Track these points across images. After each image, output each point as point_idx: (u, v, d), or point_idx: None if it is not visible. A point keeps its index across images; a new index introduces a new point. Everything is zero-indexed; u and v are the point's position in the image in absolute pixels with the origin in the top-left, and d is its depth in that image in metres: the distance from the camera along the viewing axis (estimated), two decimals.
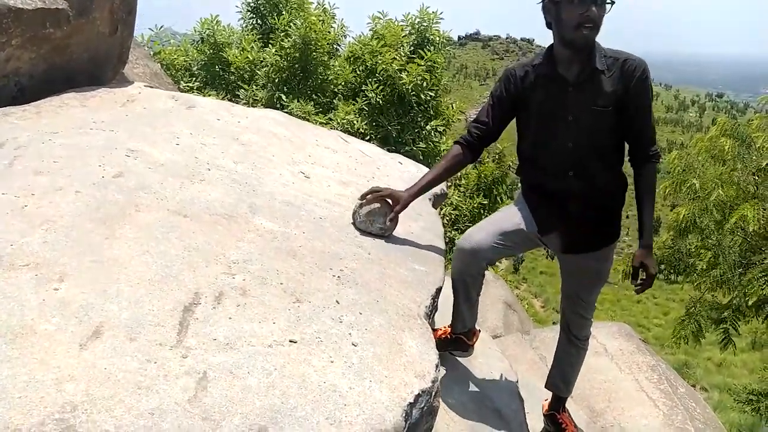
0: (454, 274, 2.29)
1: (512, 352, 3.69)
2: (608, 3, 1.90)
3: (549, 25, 2.02)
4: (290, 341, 1.36)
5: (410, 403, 1.29)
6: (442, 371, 1.52)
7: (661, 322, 30.07)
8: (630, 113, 2.02)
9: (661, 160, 2.15)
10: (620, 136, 2.10)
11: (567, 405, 2.71)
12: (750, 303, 6.29)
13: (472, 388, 2.52)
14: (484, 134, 2.21)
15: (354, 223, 2.18)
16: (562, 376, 2.57)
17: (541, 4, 2.02)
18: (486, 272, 2.33)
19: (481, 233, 2.20)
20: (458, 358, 2.59)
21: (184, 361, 1.20)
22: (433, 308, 1.94)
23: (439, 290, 1.99)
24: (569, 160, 2.10)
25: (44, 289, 1.30)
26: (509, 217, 2.26)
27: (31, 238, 1.46)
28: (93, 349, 1.17)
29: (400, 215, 2.21)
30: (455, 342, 2.42)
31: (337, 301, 1.58)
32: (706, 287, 7.16)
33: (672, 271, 8.43)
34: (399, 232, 2.25)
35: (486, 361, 2.75)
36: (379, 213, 2.16)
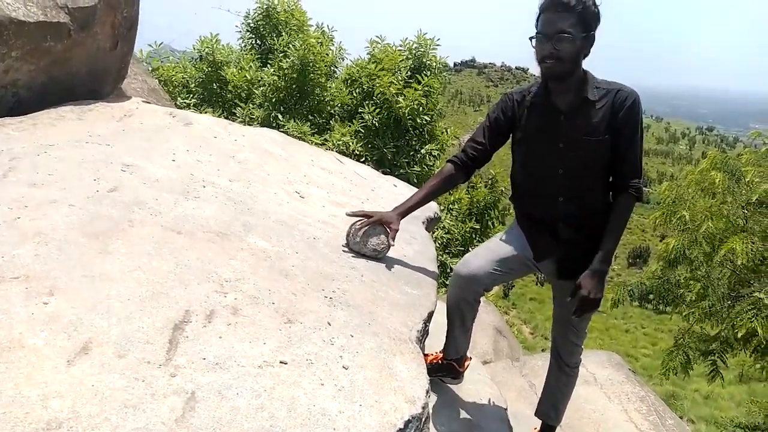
0: (451, 300, 2.29)
1: (502, 378, 3.67)
2: (568, 38, 1.93)
3: None
4: (281, 362, 1.34)
5: (400, 429, 1.28)
6: (433, 397, 1.51)
7: (649, 352, 30.08)
8: (617, 142, 2.06)
9: (643, 194, 2.16)
10: (607, 168, 2.13)
11: None
12: (739, 335, 6.29)
13: (462, 414, 2.50)
14: (478, 154, 2.25)
15: (347, 245, 2.18)
16: (552, 403, 2.56)
17: None
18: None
19: (478, 260, 2.22)
20: (448, 384, 2.58)
21: (173, 380, 1.18)
22: (425, 333, 1.94)
23: (431, 314, 1.99)
24: (559, 186, 2.13)
25: (34, 303, 1.28)
26: (505, 243, 2.29)
27: (22, 250, 1.45)
28: (81, 365, 1.15)
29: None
30: (447, 368, 2.41)
31: (328, 323, 1.58)
32: (694, 319, 7.17)
33: (661, 301, 8.44)
34: (392, 254, 2.25)
35: (475, 387, 2.73)
36: (373, 234, 2.16)
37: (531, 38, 2.00)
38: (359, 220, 2.18)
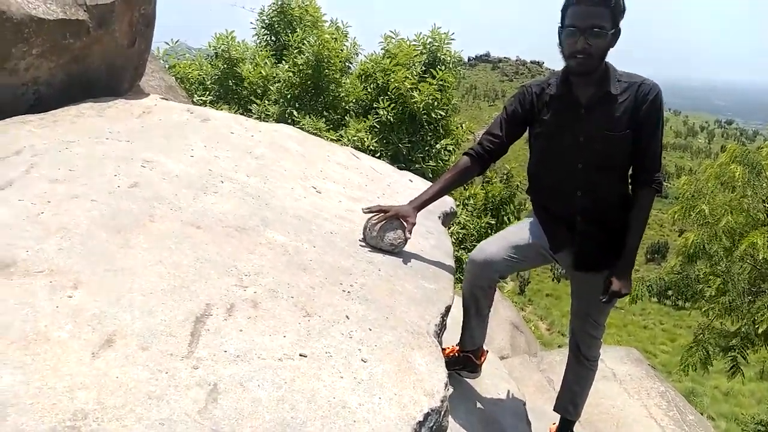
0: (466, 288, 2.29)
1: (519, 373, 3.66)
2: (601, 32, 1.90)
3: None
4: (300, 355, 1.35)
5: (419, 421, 1.28)
6: (451, 390, 1.51)
7: (668, 348, 29.77)
8: (639, 136, 2.03)
9: (663, 188, 2.14)
10: (629, 158, 2.10)
11: (575, 430, 2.67)
12: (759, 331, 6.21)
13: (479, 408, 2.50)
14: (495, 147, 2.23)
15: (364, 239, 2.18)
16: (571, 398, 2.55)
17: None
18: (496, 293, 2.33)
19: (493, 246, 2.22)
20: (466, 379, 2.57)
21: (195, 372, 1.19)
22: (442, 327, 1.93)
23: (448, 308, 1.98)
24: (578, 180, 2.11)
25: (58, 296, 1.30)
26: (521, 231, 2.29)
27: (46, 244, 1.47)
28: (105, 357, 1.17)
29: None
30: (463, 361, 2.41)
31: (347, 317, 1.58)
32: (714, 314, 7.09)
33: (680, 297, 8.38)
34: (409, 249, 2.25)
35: (493, 382, 2.72)
36: (390, 229, 2.16)
37: (560, 30, 1.97)
38: (376, 215, 2.19)
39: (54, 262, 1.42)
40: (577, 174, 2.11)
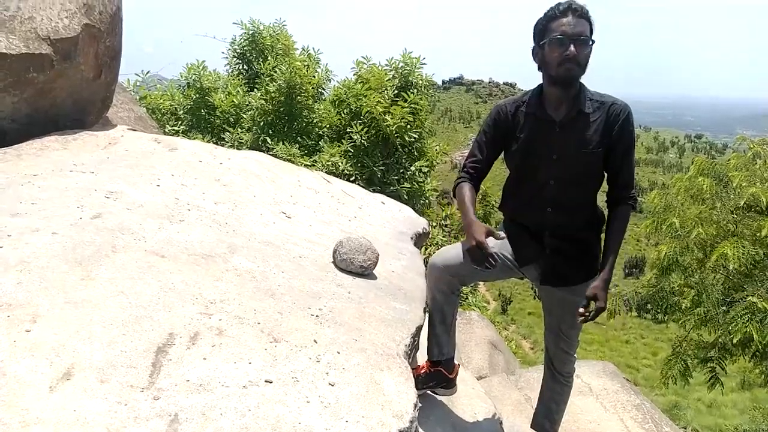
0: (428, 294, 2.31)
1: (497, 392, 3.65)
2: (587, 41, 1.98)
3: (539, 68, 2.11)
4: (266, 381, 1.34)
5: None
6: (421, 411, 1.50)
7: (650, 362, 29.94)
8: (611, 155, 2.09)
9: (638, 204, 2.20)
10: (600, 176, 2.16)
11: None
12: (735, 341, 6.29)
13: (455, 429, 2.48)
14: (480, 167, 2.27)
15: (334, 263, 2.18)
16: (547, 414, 2.55)
17: (531, 50, 2.11)
18: (471, 312, 2.34)
19: (453, 251, 2.26)
20: (442, 399, 2.56)
21: (156, 403, 1.17)
22: (414, 347, 1.93)
23: (419, 328, 1.99)
24: (549, 197, 2.15)
25: (16, 331, 1.28)
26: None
27: (4, 279, 1.44)
28: (63, 391, 1.14)
29: (381, 254, 2.22)
30: (436, 376, 2.39)
31: (314, 341, 1.57)
32: (691, 326, 7.17)
33: (658, 309, 8.45)
34: (380, 270, 2.26)
35: (470, 401, 2.71)
36: (360, 251, 2.16)
37: (542, 44, 2.03)
38: (346, 237, 2.19)
39: (12, 296, 1.39)
40: (549, 190, 2.15)
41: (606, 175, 2.17)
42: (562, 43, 1.98)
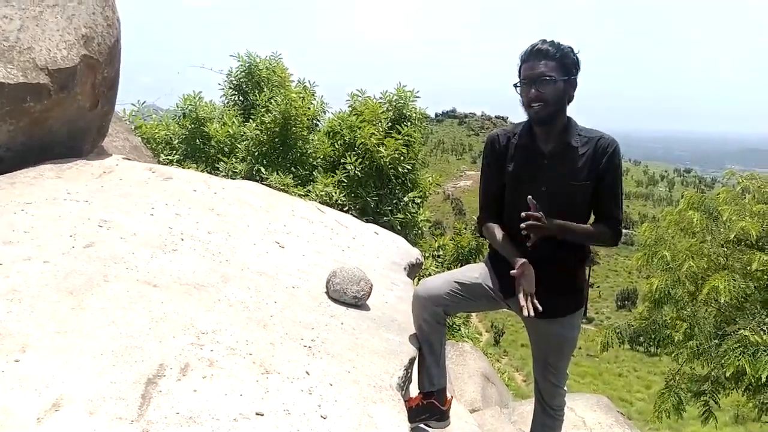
0: (415, 324, 2.30)
1: (490, 426, 3.60)
2: (550, 80, 2.02)
3: None
4: (257, 414, 1.32)
5: None
6: None
7: (643, 396, 29.69)
8: (599, 187, 2.12)
9: (620, 238, 2.23)
10: (588, 210, 2.19)
11: None
12: (728, 374, 6.27)
13: None
14: (497, 200, 2.29)
15: (327, 293, 2.18)
16: None
17: None
18: (464, 343, 2.33)
19: (437, 281, 2.27)
20: (434, 429, 2.52)
21: None
22: (407, 379, 1.92)
23: (412, 360, 1.97)
24: None
25: (5, 360, 1.26)
26: (469, 271, 2.34)
27: None
28: (51, 422, 1.13)
29: (374, 284, 2.22)
30: (429, 408, 2.36)
31: (307, 372, 1.56)
32: (683, 359, 7.14)
33: (651, 342, 8.42)
34: (373, 301, 2.25)
35: None
36: (353, 282, 2.16)
37: (515, 85, 2.10)
38: (340, 267, 2.20)
39: (2, 325, 1.38)
40: None
41: (593, 209, 2.19)
42: (525, 86, 2.06)
